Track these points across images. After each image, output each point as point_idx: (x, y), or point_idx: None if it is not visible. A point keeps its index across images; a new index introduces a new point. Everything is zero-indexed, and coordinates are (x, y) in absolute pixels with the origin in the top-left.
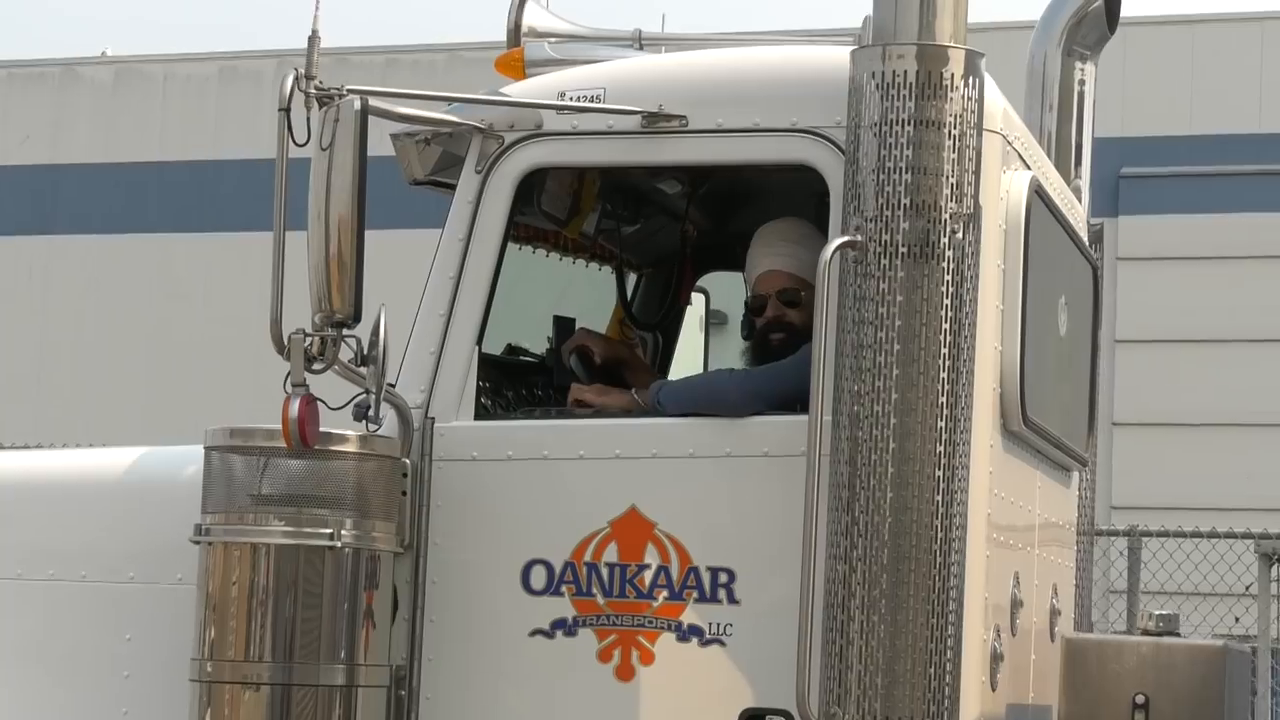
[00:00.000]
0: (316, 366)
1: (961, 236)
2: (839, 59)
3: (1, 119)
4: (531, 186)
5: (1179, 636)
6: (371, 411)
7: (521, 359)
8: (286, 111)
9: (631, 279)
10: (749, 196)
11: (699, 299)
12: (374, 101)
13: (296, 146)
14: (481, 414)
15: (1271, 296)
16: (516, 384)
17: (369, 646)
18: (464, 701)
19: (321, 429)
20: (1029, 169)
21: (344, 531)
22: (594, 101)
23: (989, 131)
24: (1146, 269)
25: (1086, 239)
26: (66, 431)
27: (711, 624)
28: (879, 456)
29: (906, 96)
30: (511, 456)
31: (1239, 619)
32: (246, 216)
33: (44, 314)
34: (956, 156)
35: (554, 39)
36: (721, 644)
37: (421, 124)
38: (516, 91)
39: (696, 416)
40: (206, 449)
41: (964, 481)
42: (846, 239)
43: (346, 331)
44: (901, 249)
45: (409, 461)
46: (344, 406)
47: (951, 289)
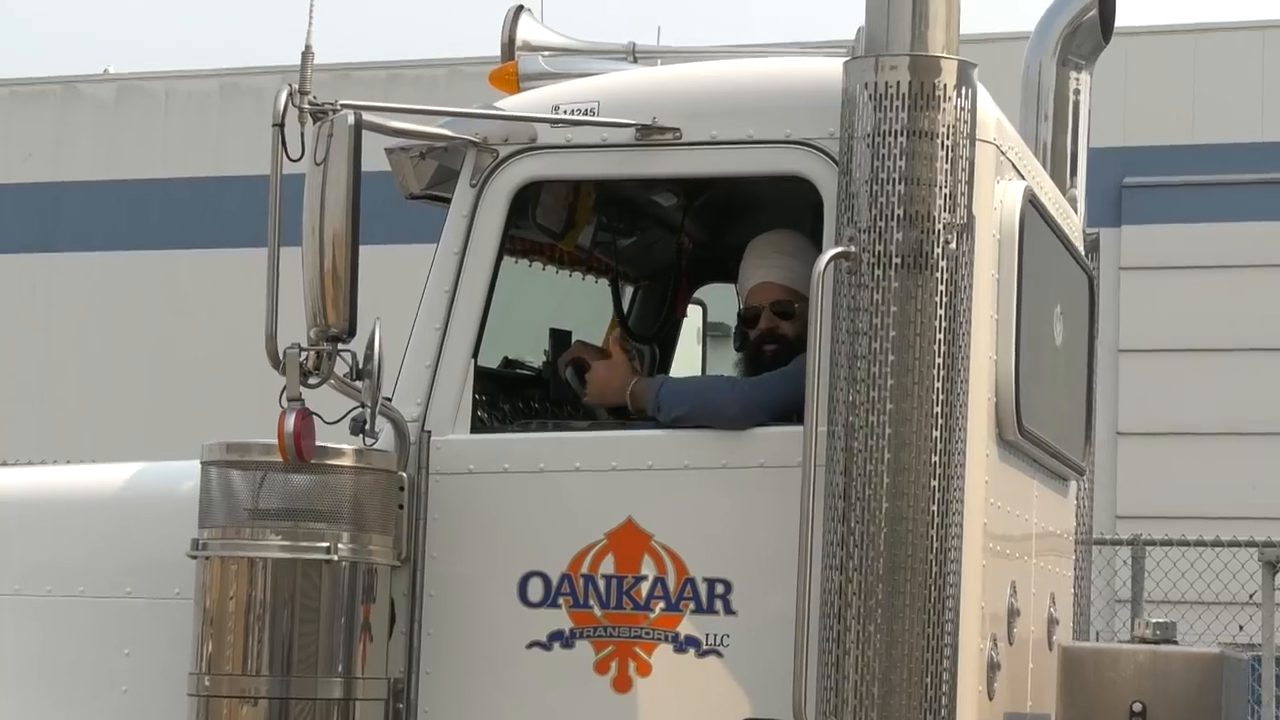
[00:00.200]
0: (312, 381)
1: (955, 247)
2: (832, 70)
3: (3, 137)
4: (526, 200)
5: (1176, 644)
6: (367, 425)
7: (518, 372)
8: (281, 127)
9: (628, 291)
10: (744, 208)
11: (696, 311)
12: (368, 116)
13: (291, 162)
14: (478, 427)
15: (1275, 305)
16: (513, 397)
17: (366, 660)
18: (462, 714)
19: (318, 443)
20: (1023, 179)
21: (341, 545)
22: (588, 115)
23: (982, 141)
24: (1150, 278)
25: (1082, 248)
26: (71, 448)
27: (709, 635)
28: (874, 467)
29: (900, 107)
30: (508, 469)
31: (1243, 627)
32: (249, 232)
33: (47, 331)
34: (950, 167)
35: (548, 53)
36: (719, 655)
37: (416, 138)
38: (511, 105)
39: (692, 427)
40: (203, 464)
41: (959, 491)
42: (840, 250)
43: (342, 346)
44: (895, 259)
45: (405, 475)
46: (340, 420)
47: (945, 299)
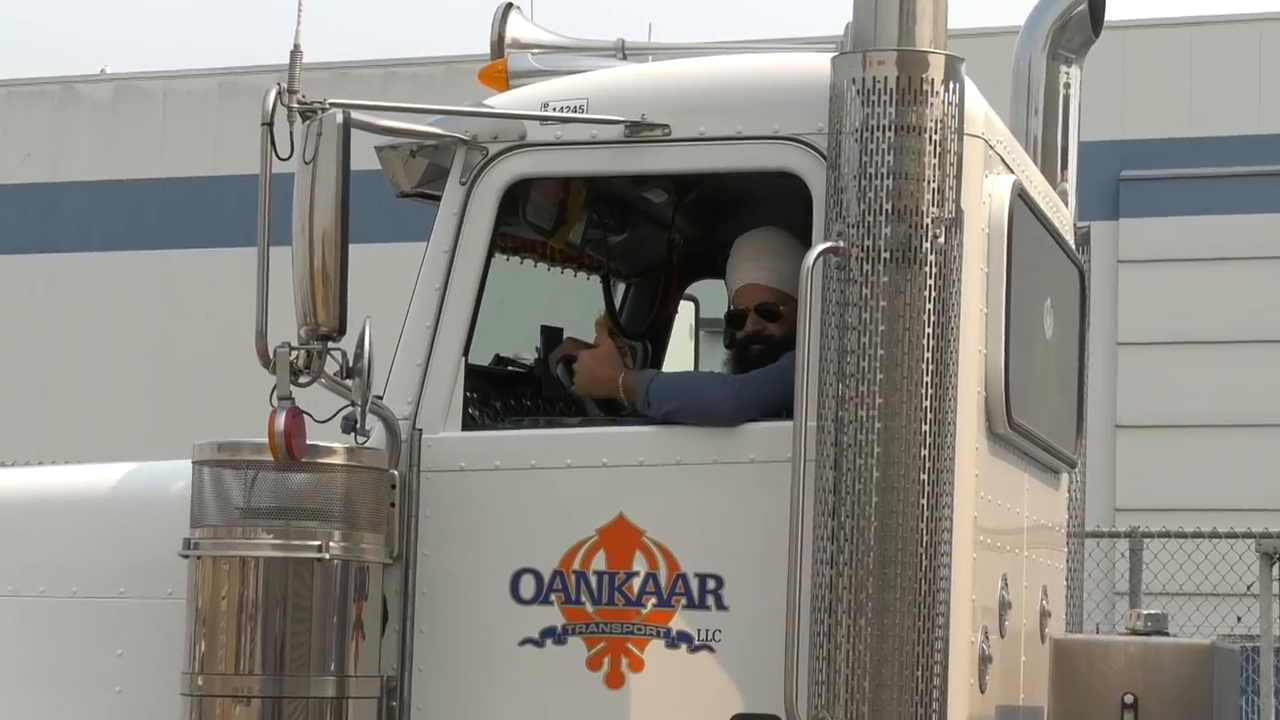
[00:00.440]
0: (302, 380)
1: (944, 241)
2: (820, 66)
3: (2, 138)
4: (516, 197)
5: (1167, 636)
6: (358, 424)
7: (509, 369)
8: (270, 126)
9: (619, 288)
10: (735, 204)
11: (689, 306)
12: (357, 114)
13: (280, 161)
14: (469, 424)
15: (1272, 297)
16: (504, 394)
17: (359, 658)
18: (455, 711)
19: (309, 441)
20: (1012, 173)
21: (332, 543)
22: (577, 112)
23: (970, 136)
24: (1148, 271)
25: (1073, 241)
26: (71, 449)
27: (700, 630)
28: (864, 461)
29: (887, 102)
30: (499, 466)
31: (1240, 618)
32: (248, 232)
33: (46, 332)
34: (938, 161)
35: (537, 50)
36: (710, 650)
37: (405, 136)
38: (500, 103)
39: (682, 423)
40: (195, 463)
41: (949, 485)
42: (829, 245)
43: (332, 344)
44: (884, 254)
45: (397, 473)
46: (331, 419)
47: (934, 293)
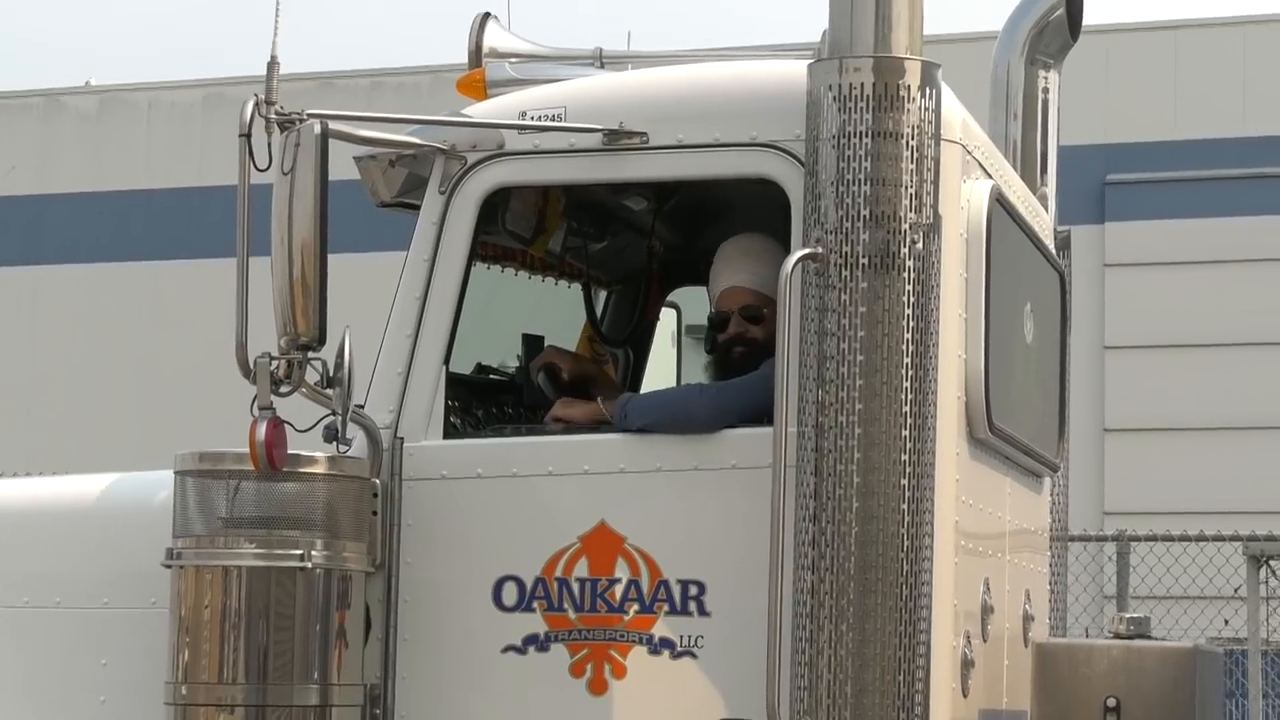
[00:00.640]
0: (283, 389)
1: (922, 246)
2: (797, 73)
3: None
4: (495, 206)
5: (1150, 639)
6: (340, 433)
7: (490, 377)
8: (247, 137)
9: (600, 296)
10: (714, 211)
11: (671, 314)
12: (335, 125)
13: (258, 172)
14: (451, 433)
15: (1259, 300)
16: (486, 402)
17: (342, 666)
18: (438, 719)
19: (290, 451)
20: (990, 178)
21: (315, 552)
22: (555, 120)
23: (948, 141)
24: (1134, 275)
25: (1053, 246)
26: (58, 460)
27: (683, 636)
28: (845, 466)
29: (864, 109)
30: (481, 474)
31: (1228, 621)
32: (234, 242)
33: (33, 343)
34: (915, 167)
35: (515, 59)
36: (693, 656)
37: (384, 146)
38: (478, 112)
39: (661, 433)
40: (177, 473)
41: (930, 490)
42: (807, 251)
43: (312, 354)
44: (862, 260)
45: (379, 481)
46: (312, 428)
47: (913, 299)
